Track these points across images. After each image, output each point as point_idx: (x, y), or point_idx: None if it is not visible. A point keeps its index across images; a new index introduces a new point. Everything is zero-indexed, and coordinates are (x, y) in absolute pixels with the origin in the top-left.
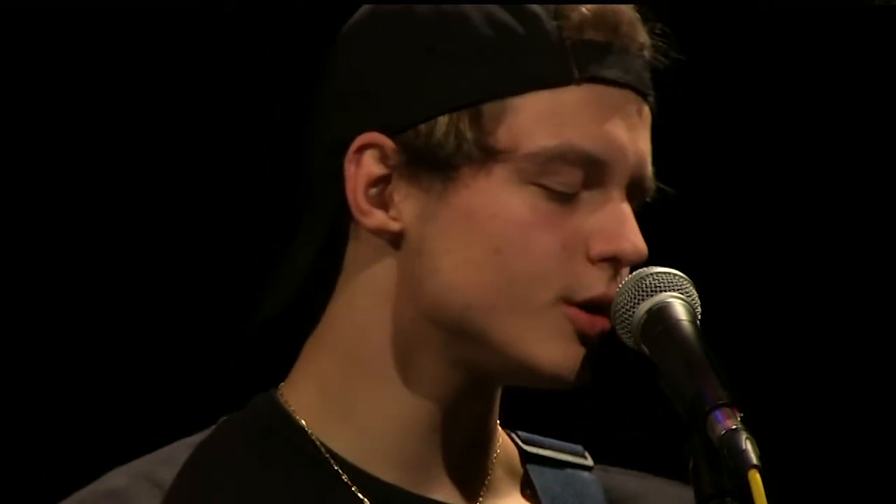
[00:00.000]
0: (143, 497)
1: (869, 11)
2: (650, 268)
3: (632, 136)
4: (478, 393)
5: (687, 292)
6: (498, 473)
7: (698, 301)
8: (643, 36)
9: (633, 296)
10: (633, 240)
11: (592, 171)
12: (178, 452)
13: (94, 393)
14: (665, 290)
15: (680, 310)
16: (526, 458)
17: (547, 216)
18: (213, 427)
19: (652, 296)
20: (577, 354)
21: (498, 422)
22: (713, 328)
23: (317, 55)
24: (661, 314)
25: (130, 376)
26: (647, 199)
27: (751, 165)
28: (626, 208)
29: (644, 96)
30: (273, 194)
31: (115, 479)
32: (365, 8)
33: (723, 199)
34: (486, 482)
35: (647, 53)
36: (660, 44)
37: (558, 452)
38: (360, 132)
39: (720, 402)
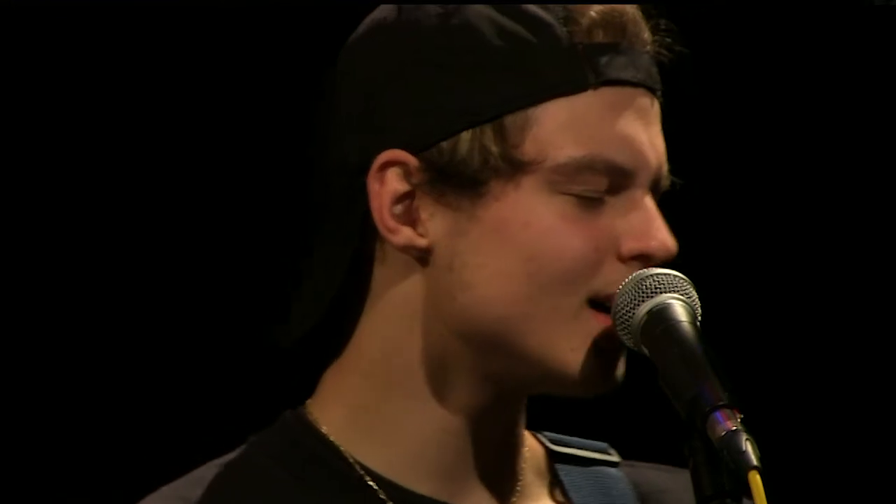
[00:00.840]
0: None
1: (869, 11)
2: (650, 269)
3: (649, 135)
4: (508, 403)
5: (687, 293)
6: (528, 477)
7: (698, 302)
8: (647, 32)
9: (633, 297)
10: (662, 237)
11: (618, 177)
12: (211, 473)
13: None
14: (665, 292)
15: (680, 311)
16: (553, 457)
17: (577, 222)
18: (244, 446)
19: (652, 297)
20: (608, 362)
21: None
22: (713, 329)
23: (321, 61)
24: (661, 315)
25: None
26: (662, 192)
27: (751, 166)
28: (652, 206)
29: (654, 92)
30: (289, 216)
31: None
32: (368, 22)
33: (722, 200)
34: (518, 487)
35: (650, 48)
36: (663, 39)
37: (584, 450)
38: (380, 150)
39: (720, 403)
